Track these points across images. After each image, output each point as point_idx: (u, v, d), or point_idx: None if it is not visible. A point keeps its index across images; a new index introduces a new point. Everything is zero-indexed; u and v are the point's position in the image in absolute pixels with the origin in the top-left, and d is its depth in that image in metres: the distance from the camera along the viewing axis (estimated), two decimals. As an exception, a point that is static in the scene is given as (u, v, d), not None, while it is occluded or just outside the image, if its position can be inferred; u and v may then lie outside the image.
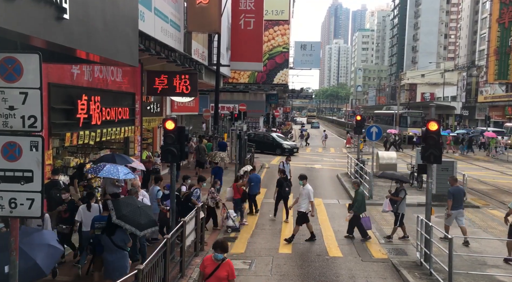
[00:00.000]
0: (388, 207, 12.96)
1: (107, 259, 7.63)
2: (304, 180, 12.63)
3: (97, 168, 10.49)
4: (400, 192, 12.87)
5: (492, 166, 29.64)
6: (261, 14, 28.52)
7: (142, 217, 7.65)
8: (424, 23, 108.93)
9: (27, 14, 4.53)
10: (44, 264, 5.73)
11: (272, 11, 45.98)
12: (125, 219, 7.38)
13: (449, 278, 8.80)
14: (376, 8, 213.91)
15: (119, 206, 7.59)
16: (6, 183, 5.02)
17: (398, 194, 12.86)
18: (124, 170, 10.62)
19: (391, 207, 12.88)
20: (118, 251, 7.60)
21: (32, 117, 4.95)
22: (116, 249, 7.54)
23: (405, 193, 12.92)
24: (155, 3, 13.35)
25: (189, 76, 16.23)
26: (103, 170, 10.28)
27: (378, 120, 59.13)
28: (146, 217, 7.79)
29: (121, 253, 7.66)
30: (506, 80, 55.61)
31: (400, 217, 12.70)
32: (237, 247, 11.78)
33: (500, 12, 54.59)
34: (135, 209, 7.72)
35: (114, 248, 7.52)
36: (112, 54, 6.75)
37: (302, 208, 12.28)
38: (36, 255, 5.72)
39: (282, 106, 71.84)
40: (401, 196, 12.76)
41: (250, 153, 24.07)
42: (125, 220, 7.38)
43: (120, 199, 8.49)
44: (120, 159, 11.58)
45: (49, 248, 5.99)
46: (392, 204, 12.84)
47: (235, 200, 13.97)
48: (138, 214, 7.64)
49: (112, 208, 7.44)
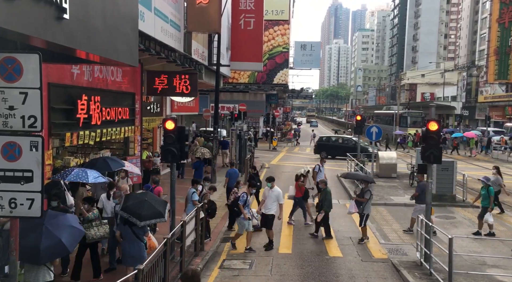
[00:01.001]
0: (354, 209, 12.71)
1: (126, 249, 8.33)
2: (272, 182, 12.24)
3: (64, 173, 9.87)
4: (365, 193, 12.62)
5: (492, 166, 29.61)
6: (261, 14, 28.49)
7: (144, 209, 8.17)
8: (424, 23, 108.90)
9: (27, 14, 4.53)
10: (68, 242, 6.51)
11: (272, 11, 45.96)
12: (127, 210, 8.07)
13: (449, 278, 8.80)
14: (376, 8, 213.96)
15: (127, 198, 8.48)
16: (6, 183, 5.02)
17: (363, 195, 12.62)
18: (94, 174, 9.87)
19: (357, 209, 12.62)
20: (137, 241, 8.27)
21: (32, 117, 4.95)
22: (135, 239, 8.23)
23: (370, 194, 12.68)
24: (155, 3, 13.34)
25: (189, 76, 16.23)
26: (70, 174, 9.62)
27: (378, 120, 59.13)
28: (150, 209, 8.26)
29: (139, 244, 8.32)
30: (506, 80, 55.59)
31: (365, 218, 12.48)
32: (237, 247, 11.78)
33: (500, 12, 54.57)
34: (141, 201, 8.30)
35: (134, 238, 8.21)
36: (112, 54, 6.75)
37: (272, 210, 11.89)
38: (61, 234, 6.46)
39: (282, 106, 71.77)
40: (367, 197, 12.52)
41: (250, 153, 24.07)
42: (127, 211, 8.05)
43: (131, 194, 9.69)
44: (113, 162, 11.32)
45: (72, 229, 6.76)
46: (358, 205, 12.58)
47: (297, 198, 14.21)
48: (140, 206, 8.19)
49: (121, 201, 8.42)
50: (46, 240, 6.28)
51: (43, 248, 6.28)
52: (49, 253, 6.36)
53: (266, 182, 12.48)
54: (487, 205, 13.03)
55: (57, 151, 12.07)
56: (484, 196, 13.21)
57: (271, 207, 11.89)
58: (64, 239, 6.50)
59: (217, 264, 10.59)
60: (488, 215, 12.91)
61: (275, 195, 11.96)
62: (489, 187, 13.17)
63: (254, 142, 36.10)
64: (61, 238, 6.47)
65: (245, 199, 11.66)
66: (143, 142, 17.13)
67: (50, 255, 6.43)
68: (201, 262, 10.30)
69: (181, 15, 16.76)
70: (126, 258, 8.47)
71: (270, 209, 11.88)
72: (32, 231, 6.28)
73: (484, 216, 13.01)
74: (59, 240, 6.44)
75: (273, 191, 12.01)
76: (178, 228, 9.45)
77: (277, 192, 12.01)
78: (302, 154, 36.25)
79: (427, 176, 10.78)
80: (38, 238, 6.24)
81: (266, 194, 12.15)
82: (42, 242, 6.27)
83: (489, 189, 13.13)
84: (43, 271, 6.61)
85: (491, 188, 13.17)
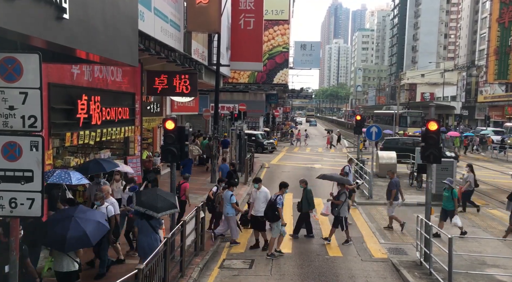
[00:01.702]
0: (326, 211, 12.51)
1: (143, 241, 8.76)
2: (259, 183, 11.97)
3: (45, 174, 9.72)
4: (341, 195, 12.34)
5: (492, 166, 29.65)
6: (261, 14, 28.49)
7: (159, 201, 8.75)
8: (424, 23, 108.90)
9: (27, 14, 4.54)
10: (91, 235, 7.03)
11: (272, 11, 45.96)
12: (143, 205, 8.57)
13: (449, 277, 8.81)
14: (376, 8, 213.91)
15: (139, 195, 9.02)
16: (6, 183, 5.02)
17: (339, 197, 12.34)
18: (77, 175, 9.78)
19: (329, 211, 12.41)
20: (153, 233, 8.78)
21: (32, 117, 4.95)
22: (152, 231, 8.74)
23: (346, 196, 12.36)
24: (155, 3, 13.35)
25: (189, 76, 16.23)
26: (53, 176, 9.46)
27: (378, 120, 59.12)
28: (163, 201, 8.86)
29: (155, 236, 8.83)
30: (506, 80, 55.64)
31: (344, 220, 12.20)
32: (237, 247, 11.79)
33: (500, 12, 54.60)
34: (153, 195, 8.93)
35: (151, 230, 8.72)
36: (112, 54, 6.76)
37: (260, 213, 11.52)
38: (86, 227, 6.97)
39: (282, 106, 71.81)
40: (342, 200, 12.24)
41: (249, 153, 24.09)
42: (143, 206, 8.56)
43: (141, 190, 10.51)
44: (106, 163, 11.17)
45: (98, 224, 7.30)
46: (334, 207, 12.34)
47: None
48: (154, 199, 8.77)
49: (134, 198, 8.87)
50: (72, 230, 6.84)
51: (69, 237, 6.80)
52: (73, 242, 6.88)
53: (253, 183, 12.09)
54: (451, 208, 12.60)
55: (57, 151, 12.07)
56: (448, 198, 12.69)
57: (260, 209, 11.55)
58: (89, 232, 7.00)
59: (217, 263, 10.60)
60: (455, 219, 12.51)
61: (263, 195, 11.66)
62: (453, 189, 12.75)
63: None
64: (86, 231, 6.95)
65: (282, 201, 11.34)
66: (143, 142, 17.14)
67: (74, 244, 6.94)
68: (201, 262, 10.31)
69: (181, 15, 16.76)
70: (145, 250, 8.68)
71: (260, 211, 11.54)
72: (62, 222, 6.98)
73: (452, 220, 12.57)
74: (84, 232, 6.93)
75: (261, 192, 11.73)
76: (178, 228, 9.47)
77: (265, 192, 11.75)
78: (302, 154, 36.26)
79: (427, 176, 10.77)
80: (66, 228, 6.83)
81: (253, 195, 11.84)
82: (69, 232, 6.81)
83: (453, 192, 12.66)
84: (67, 260, 7.15)
85: (454, 191, 12.76)
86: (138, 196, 8.97)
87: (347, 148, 41.36)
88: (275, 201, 11.20)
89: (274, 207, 11.16)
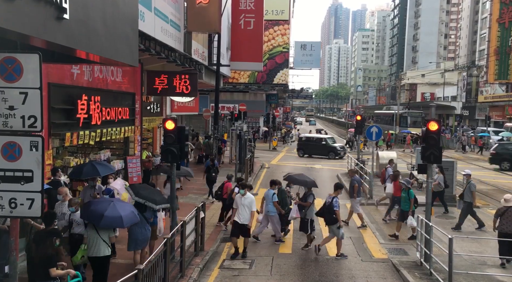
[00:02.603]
0: (296, 214, 12.15)
1: (137, 232, 9.17)
2: (246, 188, 11.18)
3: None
4: (308, 197, 11.97)
5: (492, 166, 29.62)
6: (261, 14, 28.50)
7: (156, 195, 9.61)
8: (424, 23, 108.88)
9: (27, 14, 4.54)
10: (125, 219, 8.00)
11: (272, 11, 45.97)
12: (142, 196, 9.20)
13: (449, 278, 8.81)
14: (376, 8, 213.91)
15: (135, 188, 9.63)
16: (6, 183, 5.02)
17: (306, 199, 11.97)
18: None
19: (299, 214, 12.08)
20: (146, 225, 9.33)
21: (32, 117, 4.95)
22: (145, 223, 9.27)
23: (313, 197, 12.00)
24: (155, 3, 13.34)
25: (189, 76, 16.23)
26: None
27: (378, 120, 59.12)
28: (160, 196, 9.88)
29: (148, 227, 9.40)
30: (506, 80, 55.60)
31: (310, 223, 11.78)
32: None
33: (500, 12, 54.56)
34: (151, 190, 9.88)
35: (145, 222, 9.25)
36: (112, 54, 6.75)
37: (247, 220, 10.85)
38: (122, 212, 7.97)
39: (282, 106, 71.79)
40: (310, 201, 11.88)
41: (250, 153, 24.09)
42: (143, 197, 9.20)
43: (138, 185, 10.90)
44: (102, 167, 10.78)
45: (132, 213, 8.28)
46: (300, 209, 11.97)
47: (395, 197, 14.11)
48: (152, 193, 9.63)
49: (131, 192, 9.43)
50: (110, 211, 7.85)
51: (106, 215, 7.76)
52: (108, 220, 7.79)
53: (239, 188, 11.30)
54: (407, 209, 12.49)
55: (57, 151, 12.06)
56: (404, 199, 12.61)
57: (246, 216, 10.87)
58: (124, 216, 7.96)
59: (217, 264, 10.59)
60: (410, 219, 12.29)
61: (248, 202, 10.91)
62: (409, 189, 12.57)
63: (253, 142, 36.13)
64: (121, 214, 7.93)
65: (338, 203, 11.18)
66: (143, 142, 17.13)
67: (109, 222, 7.86)
68: (201, 262, 10.30)
69: (181, 15, 16.76)
70: (136, 242, 9.19)
71: (246, 218, 10.88)
72: (102, 203, 8.13)
73: (407, 221, 12.41)
74: (119, 215, 7.92)
75: (246, 199, 10.93)
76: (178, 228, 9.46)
77: (250, 199, 10.98)
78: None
79: (427, 176, 10.76)
80: (105, 209, 7.86)
81: (238, 202, 11.01)
82: (107, 212, 7.81)
83: (409, 192, 12.49)
84: (104, 245, 7.89)
85: (411, 191, 12.60)
86: (136, 190, 9.51)
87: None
88: (332, 204, 11.05)
89: (332, 209, 11.03)
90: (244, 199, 10.91)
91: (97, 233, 7.85)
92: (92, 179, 10.75)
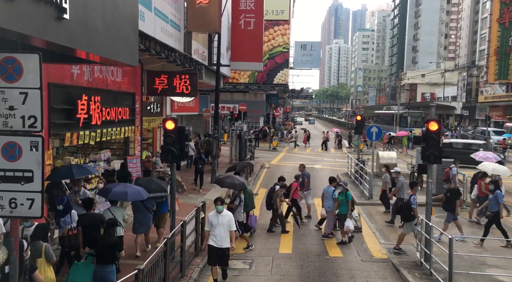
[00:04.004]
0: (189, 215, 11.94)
1: (140, 218, 10.46)
2: (223, 205, 9.38)
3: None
4: (235, 199, 11.87)
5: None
6: (261, 14, 28.48)
7: (152, 185, 10.58)
8: (424, 23, 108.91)
9: (27, 14, 4.53)
10: (143, 192, 9.71)
11: (272, 11, 45.98)
12: (139, 185, 10.26)
13: (449, 278, 8.81)
14: (376, 8, 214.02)
15: (137, 180, 11.29)
16: (6, 183, 5.01)
17: (233, 201, 11.90)
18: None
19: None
20: (147, 213, 10.55)
21: (32, 117, 4.94)
22: (145, 211, 10.49)
23: (240, 200, 11.82)
24: (155, 3, 13.34)
25: (189, 76, 16.22)
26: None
27: (378, 120, 59.09)
28: (157, 185, 10.71)
29: (149, 215, 10.65)
30: (507, 80, 55.64)
31: (238, 224, 11.25)
32: (237, 247, 11.77)
33: (500, 12, 54.59)
34: (149, 180, 11.10)
35: (145, 210, 10.47)
36: (112, 54, 6.75)
37: (226, 242, 9.08)
38: (128, 190, 9.57)
39: (282, 106, 71.84)
40: (236, 203, 11.76)
41: (250, 153, 24.10)
42: (139, 186, 10.24)
43: (139, 177, 12.51)
44: (79, 170, 10.14)
45: (138, 192, 9.63)
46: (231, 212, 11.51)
47: (480, 198, 14.27)
48: (149, 182, 10.75)
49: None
50: (129, 189, 9.60)
51: (129, 192, 9.45)
52: (133, 194, 9.49)
53: (214, 204, 9.32)
54: (344, 212, 12.35)
55: (57, 151, 12.06)
56: (342, 202, 12.42)
57: (224, 237, 9.06)
58: (141, 190, 9.71)
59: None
60: (348, 222, 12.20)
61: (227, 220, 9.08)
62: (347, 191, 12.49)
63: (255, 142, 36.13)
64: (139, 189, 9.69)
65: (416, 201, 11.48)
66: (143, 142, 17.13)
67: (134, 195, 9.50)
68: (201, 262, 10.30)
69: (181, 15, 16.75)
70: (140, 227, 10.49)
71: (225, 241, 9.06)
72: (119, 186, 9.80)
73: (345, 224, 12.26)
74: (138, 189, 9.68)
75: (224, 216, 9.09)
76: (179, 228, 9.46)
77: (229, 217, 9.24)
78: (303, 154, 36.24)
79: (428, 176, 10.76)
80: (125, 188, 9.60)
81: (213, 221, 9.05)
82: (128, 190, 9.51)
83: (347, 194, 12.42)
84: (118, 227, 8.75)
85: (348, 193, 12.49)
86: (136, 181, 11.11)
87: (347, 148, 41.34)
88: (409, 201, 11.44)
89: (409, 207, 11.39)
90: (222, 217, 9.06)
91: (112, 215, 9.11)
92: (74, 183, 10.23)
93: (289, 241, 12.48)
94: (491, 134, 42.40)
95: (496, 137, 41.82)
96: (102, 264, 7.38)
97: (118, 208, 9.78)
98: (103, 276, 7.34)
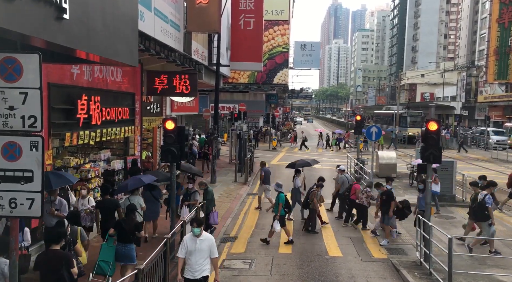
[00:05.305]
0: (187, 214, 11.50)
1: (148, 207, 11.26)
2: (201, 227, 7.47)
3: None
4: (193, 195, 11.81)
5: (491, 166, 29.63)
6: (261, 14, 28.48)
7: (160, 176, 12.36)
8: (424, 23, 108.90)
9: (27, 14, 4.54)
10: (150, 179, 11.38)
11: (272, 11, 45.98)
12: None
13: (449, 278, 8.81)
14: (376, 8, 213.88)
15: (146, 172, 13.19)
16: (6, 183, 5.01)
17: (194, 197, 11.86)
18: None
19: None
20: (156, 202, 11.86)
21: (32, 117, 4.94)
22: (154, 200, 11.77)
23: (198, 195, 11.79)
24: (155, 3, 13.34)
25: (189, 76, 16.22)
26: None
27: (378, 120, 59.11)
28: (164, 176, 12.47)
29: (157, 204, 11.97)
30: (506, 80, 55.61)
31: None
32: (237, 247, 11.78)
33: (500, 12, 54.57)
34: (156, 172, 13.46)
35: (154, 200, 11.78)
36: (112, 54, 6.75)
37: (205, 271, 7.34)
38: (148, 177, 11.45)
39: (282, 106, 71.85)
40: (197, 199, 11.68)
41: (250, 153, 24.10)
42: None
43: (150, 170, 14.63)
44: (57, 179, 9.16)
45: (152, 176, 11.63)
46: (191, 209, 11.47)
47: None
48: (156, 174, 12.38)
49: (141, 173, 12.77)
50: (144, 178, 11.25)
51: (144, 179, 11.12)
52: (133, 185, 10.87)
53: (191, 226, 7.50)
54: (275, 213, 12.15)
55: (57, 151, 12.06)
56: (276, 203, 12.30)
57: (204, 265, 7.35)
58: (143, 177, 11.39)
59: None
60: (276, 223, 11.98)
61: (207, 245, 7.37)
62: (280, 193, 12.30)
63: (254, 142, 36.12)
64: (141, 178, 11.30)
65: (492, 201, 11.39)
66: (143, 142, 17.13)
67: (135, 185, 10.90)
68: (201, 262, 10.28)
69: (181, 15, 16.76)
70: (149, 214, 11.54)
71: (203, 269, 7.33)
72: (133, 179, 11.23)
73: (273, 225, 12.07)
74: (139, 178, 11.20)
75: (203, 241, 7.36)
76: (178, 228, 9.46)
77: (209, 241, 7.45)
78: (302, 154, 36.23)
79: (427, 176, 10.76)
80: (140, 178, 11.31)
81: (190, 246, 7.33)
82: (143, 178, 11.23)
83: (279, 196, 12.23)
84: (138, 215, 9.96)
85: (281, 195, 12.29)
86: (144, 172, 13.24)
87: (346, 148, 41.34)
88: (484, 200, 11.29)
89: (484, 206, 11.26)
90: (200, 241, 7.35)
91: (130, 203, 9.98)
92: (49, 192, 9.16)
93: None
94: (491, 134, 42.42)
95: (495, 137, 41.84)
96: (124, 243, 8.54)
97: (136, 197, 10.82)
98: (125, 252, 8.53)
